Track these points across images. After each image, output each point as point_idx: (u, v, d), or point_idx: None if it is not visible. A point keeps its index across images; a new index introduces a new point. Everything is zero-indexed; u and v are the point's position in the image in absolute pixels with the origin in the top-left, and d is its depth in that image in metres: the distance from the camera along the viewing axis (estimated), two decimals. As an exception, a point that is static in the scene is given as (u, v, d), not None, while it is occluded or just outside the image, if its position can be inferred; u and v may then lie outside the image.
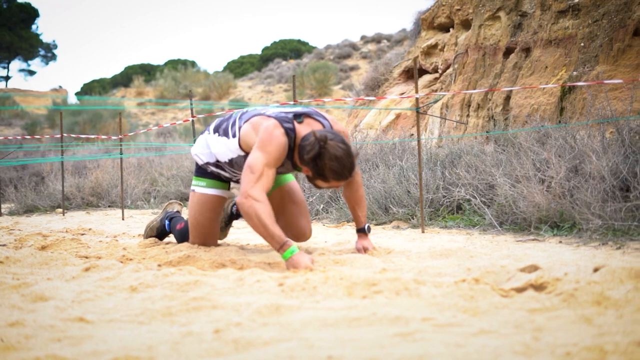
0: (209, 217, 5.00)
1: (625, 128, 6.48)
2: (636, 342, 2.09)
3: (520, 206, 5.93)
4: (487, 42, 11.90)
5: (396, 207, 7.13)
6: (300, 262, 3.95)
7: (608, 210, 5.39)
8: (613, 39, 9.49)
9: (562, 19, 10.50)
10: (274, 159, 4.29)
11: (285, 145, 4.35)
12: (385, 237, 6.08)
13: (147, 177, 13.26)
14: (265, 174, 4.21)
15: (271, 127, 4.35)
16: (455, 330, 2.38)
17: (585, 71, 9.60)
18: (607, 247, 4.91)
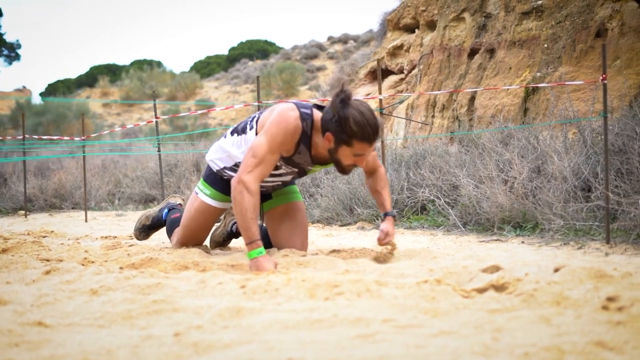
0: (203, 225, 4.92)
1: (587, 129, 6.55)
2: (593, 342, 2.10)
3: (483, 207, 5.97)
4: (452, 43, 11.96)
5: (361, 208, 7.15)
6: (263, 266, 3.91)
7: (570, 211, 5.45)
8: (576, 40, 9.59)
9: (525, 21, 10.59)
10: (279, 143, 4.12)
11: (295, 129, 4.16)
12: (349, 238, 6.09)
13: (111, 179, 13.17)
14: (265, 161, 4.09)
15: (284, 110, 4.20)
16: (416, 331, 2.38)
17: (548, 72, 9.68)
18: (569, 247, 4.96)
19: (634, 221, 4.90)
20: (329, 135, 4.02)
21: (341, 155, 4.07)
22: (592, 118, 6.35)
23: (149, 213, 5.61)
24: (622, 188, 5.30)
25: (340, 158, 4.09)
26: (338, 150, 4.05)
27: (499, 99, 10.09)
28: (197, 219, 4.88)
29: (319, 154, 4.32)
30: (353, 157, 4.05)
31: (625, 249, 4.72)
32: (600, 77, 5.18)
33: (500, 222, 5.81)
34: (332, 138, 4.02)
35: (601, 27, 9.46)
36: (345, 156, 4.07)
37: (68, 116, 34.12)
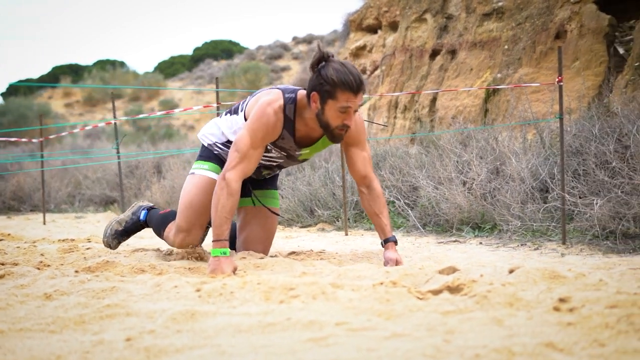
0: (205, 201, 4.59)
1: (545, 130, 6.61)
2: (544, 343, 2.12)
3: (442, 208, 6.00)
4: (414, 44, 12.02)
5: (321, 209, 7.15)
6: (222, 267, 3.88)
7: (527, 212, 5.49)
8: (536, 42, 9.68)
9: (486, 22, 10.67)
10: (260, 138, 4.09)
11: (275, 122, 4.12)
12: (309, 239, 6.09)
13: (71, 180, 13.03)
14: (248, 156, 4.06)
15: (265, 104, 4.14)
16: (369, 334, 2.38)
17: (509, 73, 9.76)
18: (526, 247, 5.00)
19: (590, 222, 4.95)
20: (315, 95, 3.97)
21: (328, 116, 3.99)
22: (549, 120, 6.41)
23: (120, 218, 5.23)
24: (578, 189, 5.36)
25: (329, 119, 4.01)
26: (325, 110, 3.98)
27: (460, 100, 10.16)
28: (199, 197, 4.57)
29: (304, 136, 4.27)
30: (340, 114, 3.96)
31: (581, 249, 4.77)
32: (557, 79, 5.23)
33: (459, 223, 5.85)
34: (318, 96, 3.97)
35: (560, 29, 9.57)
36: (332, 115, 3.98)
37: (29, 117, 33.73)
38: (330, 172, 7.65)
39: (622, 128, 5.66)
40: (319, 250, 4.96)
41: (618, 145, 5.40)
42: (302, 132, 4.24)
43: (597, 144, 5.48)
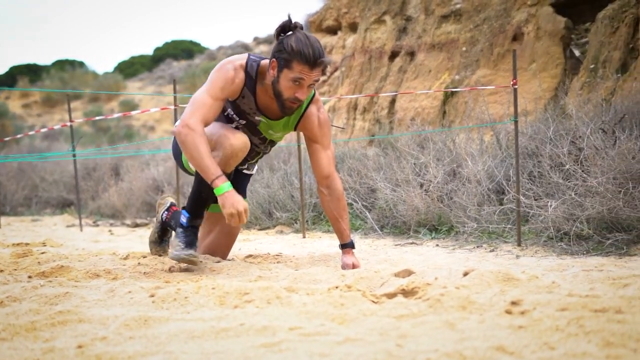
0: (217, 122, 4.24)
1: (502, 132, 6.66)
2: (494, 347, 2.13)
3: (400, 210, 6.02)
4: (373, 46, 12.05)
5: (280, 211, 7.15)
6: (236, 200, 3.80)
7: (484, 213, 5.54)
8: (493, 43, 9.77)
9: (445, 24, 10.74)
10: (218, 87, 3.96)
11: (235, 72, 3.99)
12: (267, 242, 6.08)
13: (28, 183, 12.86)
14: (206, 104, 3.92)
15: (225, 61, 4.10)
16: (322, 339, 2.37)
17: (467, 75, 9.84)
18: (482, 249, 5.04)
19: (545, 223, 5.00)
20: (273, 62, 3.90)
21: (282, 85, 3.90)
22: (504, 122, 6.46)
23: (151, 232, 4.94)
24: (533, 191, 5.41)
25: (281, 89, 3.91)
26: (280, 79, 3.89)
27: (419, 101, 10.21)
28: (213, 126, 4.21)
29: (264, 104, 4.14)
30: (293, 85, 3.86)
31: (535, 251, 4.81)
32: (511, 82, 5.28)
33: (416, 225, 5.88)
34: (275, 64, 3.89)
35: (518, 31, 9.67)
36: (285, 85, 3.89)
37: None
38: (289, 174, 7.64)
39: (576, 130, 5.73)
40: (276, 253, 4.94)
41: (572, 147, 5.46)
42: (263, 99, 4.12)
43: (551, 146, 5.54)
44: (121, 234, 7.35)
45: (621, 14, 8.54)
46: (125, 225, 8.43)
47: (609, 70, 8.22)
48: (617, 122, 5.49)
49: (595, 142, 5.21)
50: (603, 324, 2.27)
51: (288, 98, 3.93)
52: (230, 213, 3.79)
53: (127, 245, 6.22)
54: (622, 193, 4.75)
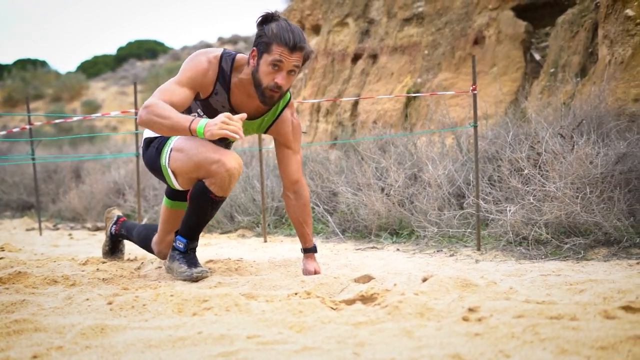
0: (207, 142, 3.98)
1: (463, 135, 6.70)
2: (451, 355, 2.14)
3: (361, 214, 6.03)
4: (336, 48, 12.07)
5: (241, 215, 7.12)
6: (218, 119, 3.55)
7: (444, 218, 5.57)
8: (455, 47, 9.83)
9: (407, 27, 10.78)
10: (187, 77, 3.81)
11: (208, 65, 3.85)
12: (228, 247, 6.05)
13: (-16, 186, 12.69)
14: (170, 90, 3.77)
15: (199, 52, 3.93)
16: (279, 347, 2.37)
17: (429, 78, 9.89)
18: (442, 254, 5.06)
19: (504, 228, 5.04)
20: (253, 50, 3.79)
21: (261, 72, 3.76)
22: (464, 127, 6.50)
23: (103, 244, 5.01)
24: (493, 195, 5.45)
25: (261, 76, 3.77)
26: (259, 66, 3.76)
27: (381, 104, 10.25)
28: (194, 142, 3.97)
29: (240, 101, 3.98)
30: (272, 70, 3.73)
31: (495, 255, 4.85)
32: (471, 88, 5.31)
33: (377, 229, 5.89)
34: (256, 52, 3.78)
35: (479, 35, 9.74)
36: (265, 71, 3.75)
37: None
38: (250, 177, 7.62)
39: (535, 135, 5.78)
40: (237, 258, 4.93)
41: (531, 152, 5.51)
42: (237, 97, 3.97)
43: (511, 151, 5.59)
44: (81, 238, 7.28)
45: (580, 19, 8.63)
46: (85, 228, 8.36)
47: (569, 74, 8.30)
48: (575, 127, 5.55)
49: (554, 147, 5.26)
50: (558, 331, 2.30)
51: (268, 85, 3.78)
52: (223, 128, 3.53)
53: (86, 249, 6.15)
54: (580, 198, 4.81)
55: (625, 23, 7.68)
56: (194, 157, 3.91)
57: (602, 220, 4.67)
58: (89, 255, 5.69)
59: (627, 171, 5.12)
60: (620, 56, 7.52)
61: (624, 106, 7.08)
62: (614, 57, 7.60)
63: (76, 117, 7.30)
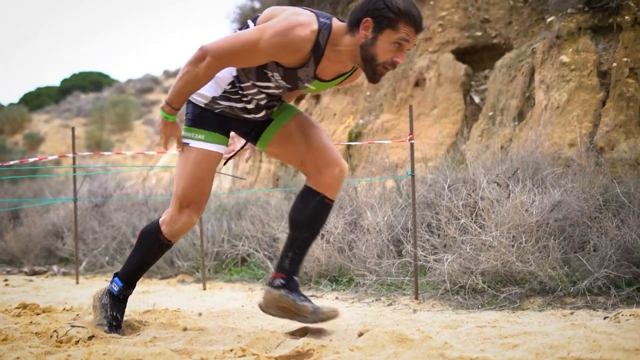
0: (206, 177, 3.89)
1: (403, 179, 6.74)
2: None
3: (301, 260, 6.02)
4: (279, 88, 12.11)
5: (181, 260, 7.06)
6: (165, 133, 3.72)
7: (384, 265, 5.58)
8: (396, 89, 9.94)
9: (349, 68, 10.87)
10: (275, 52, 3.50)
11: (298, 49, 3.52)
12: (166, 295, 5.96)
13: None
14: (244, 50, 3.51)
15: (295, 22, 3.51)
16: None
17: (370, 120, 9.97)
18: (380, 302, 5.07)
19: (441, 277, 5.07)
20: (368, 21, 3.47)
21: (379, 48, 3.49)
22: (401, 176, 6.55)
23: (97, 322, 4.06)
24: (431, 243, 5.48)
25: (377, 52, 3.50)
26: (377, 41, 3.49)
27: (324, 145, 10.28)
28: (196, 173, 3.87)
29: (323, 67, 3.70)
30: (394, 49, 3.50)
31: (432, 304, 4.87)
32: (408, 137, 5.36)
33: (317, 276, 5.89)
34: (372, 24, 3.47)
35: (420, 77, 9.86)
36: (384, 48, 3.49)
37: None
38: (192, 221, 7.55)
39: (472, 183, 5.85)
40: (175, 308, 4.87)
41: (469, 199, 5.56)
42: (324, 65, 3.69)
43: (449, 197, 5.63)
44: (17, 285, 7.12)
45: (518, 63, 8.80)
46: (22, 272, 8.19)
47: (507, 118, 8.44)
48: (510, 175, 5.63)
49: (490, 195, 5.33)
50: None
51: (383, 62, 3.54)
52: (160, 131, 3.74)
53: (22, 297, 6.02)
54: (515, 247, 4.87)
55: (561, 69, 7.86)
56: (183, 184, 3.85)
57: (537, 269, 4.74)
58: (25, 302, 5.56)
59: (561, 219, 5.20)
60: (556, 101, 7.69)
61: (560, 151, 7.22)
62: (550, 102, 7.76)
63: (12, 162, 7.17)
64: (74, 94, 48.85)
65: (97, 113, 40.28)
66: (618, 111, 7.22)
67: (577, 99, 7.58)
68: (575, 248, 5.10)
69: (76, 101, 46.81)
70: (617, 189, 5.35)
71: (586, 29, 8.00)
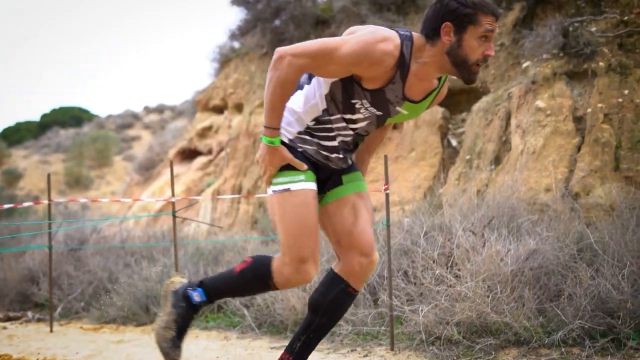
0: (314, 222, 3.56)
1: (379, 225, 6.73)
2: None
3: (277, 308, 5.99)
4: (257, 129, 12.13)
5: (157, 306, 6.99)
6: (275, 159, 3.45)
7: (359, 315, 5.57)
8: (374, 131, 9.96)
9: (327, 110, 10.91)
10: (357, 63, 3.33)
11: (385, 54, 3.33)
12: (141, 344, 5.88)
13: None
14: (325, 56, 3.33)
15: (378, 36, 3.36)
16: None
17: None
18: (356, 353, 5.05)
19: (417, 327, 5.06)
20: (448, 26, 3.36)
21: (467, 48, 3.38)
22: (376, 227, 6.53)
23: (163, 321, 3.72)
24: (407, 292, 5.47)
25: (467, 52, 3.39)
26: (463, 41, 3.38)
27: (302, 186, 10.29)
28: (309, 218, 3.54)
29: (410, 85, 3.50)
30: (481, 43, 3.38)
31: (408, 355, 4.86)
32: (383, 187, 5.38)
33: (293, 324, 5.84)
34: (452, 27, 3.36)
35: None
36: (472, 46, 3.38)
37: None
38: (168, 266, 7.51)
39: (449, 229, 5.86)
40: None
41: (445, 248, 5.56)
42: (411, 83, 3.50)
43: (424, 247, 5.62)
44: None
45: (495, 107, 8.87)
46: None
47: (484, 161, 8.49)
48: (486, 224, 5.64)
49: (466, 245, 5.33)
50: None
51: (476, 60, 3.42)
52: (259, 160, 3.50)
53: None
54: (490, 297, 4.87)
55: (537, 114, 7.94)
56: (296, 233, 3.51)
57: (512, 320, 4.74)
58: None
59: (537, 267, 5.21)
60: (532, 146, 7.75)
61: (535, 196, 7.27)
62: (526, 146, 7.83)
63: (-13, 208, 7.10)
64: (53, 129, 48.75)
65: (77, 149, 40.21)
66: (593, 156, 7.29)
67: (552, 144, 7.64)
68: (550, 297, 5.11)
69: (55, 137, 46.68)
70: (591, 238, 5.36)
71: (561, 75, 8.10)
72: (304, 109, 3.58)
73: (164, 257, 7.93)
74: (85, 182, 37.75)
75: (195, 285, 3.75)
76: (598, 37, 8.10)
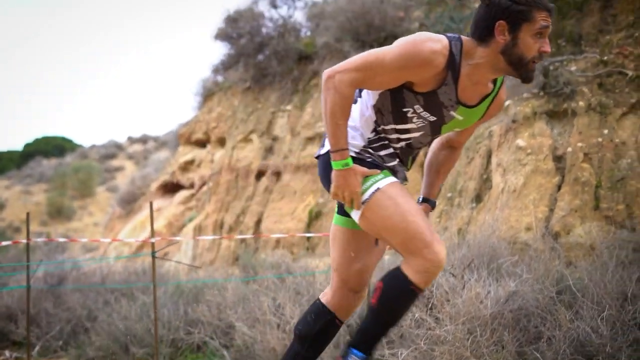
0: (414, 203, 3.46)
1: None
2: None
3: (257, 349, 5.95)
4: (240, 164, 12.15)
5: (136, 346, 6.92)
6: (352, 185, 3.28)
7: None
8: (356, 168, 9.98)
9: (310, 146, 10.95)
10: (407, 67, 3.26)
11: (434, 53, 3.26)
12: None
13: None
14: (372, 68, 3.29)
15: (424, 37, 3.30)
16: None
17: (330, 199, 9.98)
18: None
19: (396, 370, 5.04)
20: (502, 24, 3.28)
21: (523, 46, 3.30)
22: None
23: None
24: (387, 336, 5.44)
25: (523, 50, 3.31)
26: (518, 39, 3.30)
27: (284, 223, 10.29)
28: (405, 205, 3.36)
29: (466, 89, 3.44)
30: (537, 40, 3.30)
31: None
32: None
33: (273, 366, 5.82)
34: (506, 25, 3.28)
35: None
36: (528, 44, 3.30)
37: None
38: (148, 304, 7.45)
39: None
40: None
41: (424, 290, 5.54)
42: (464, 86, 3.42)
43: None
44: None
45: (476, 145, 8.92)
46: (-27, 358, 7.99)
47: (465, 199, 8.51)
48: (466, 266, 5.64)
49: (446, 286, 5.33)
50: None
51: (532, 58, 3.33)
52: (337, 192, 3.34)
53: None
54: (470, 341, 4.85)
55: (517, 152, 7.98)
56: (406, 223, 3.32)
57: (491, 364, 4.72)
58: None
59: (516, 309, 5.20)
60: (512, 184, 7.78)
61: (516, 235, 7.29)
62: (507, 185, 7.86)
63: (-35, 246, 7.05)
64: (36, 159, 48.59)
65: (59, 179, 40.10)
66: (573, 195, 7.33)
67: (533, 182, 7.68)
68: (530, 340, 5.09)
69: (38, 166, 46.53)
70: (570, 280, 5.37)
71: (541, 114, 8.16)
72: (360, 123, 3.52)
73: (144, 295, 7.86)
74: (67, 212, 37.59)
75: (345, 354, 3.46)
76: (578, 77, 8.19)
